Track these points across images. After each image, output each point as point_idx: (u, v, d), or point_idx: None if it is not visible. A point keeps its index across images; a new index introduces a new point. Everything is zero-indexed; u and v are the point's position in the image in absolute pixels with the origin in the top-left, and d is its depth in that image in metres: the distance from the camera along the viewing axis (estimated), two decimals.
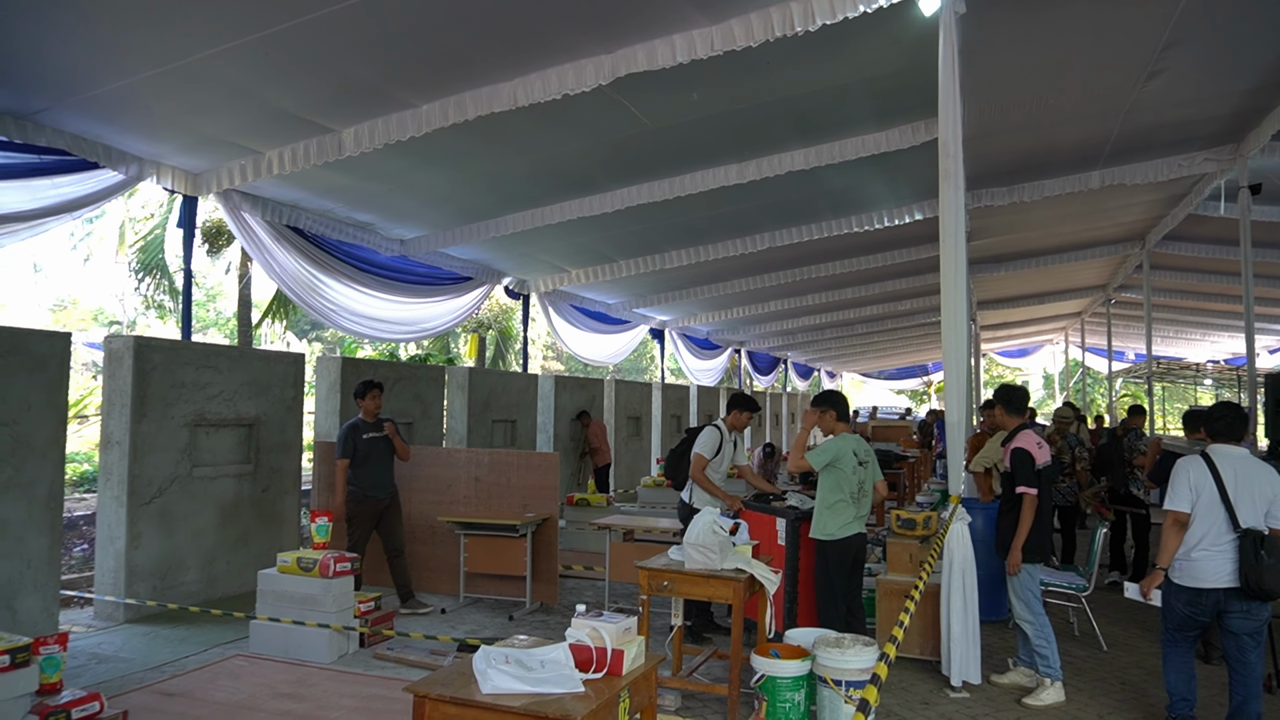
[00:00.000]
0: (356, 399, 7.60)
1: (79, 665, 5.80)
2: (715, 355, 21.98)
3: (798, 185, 9.33)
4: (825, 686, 4.76)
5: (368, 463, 7.41)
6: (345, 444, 7.36)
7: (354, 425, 7.47)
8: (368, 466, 7.40)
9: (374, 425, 7.56)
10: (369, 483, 7.39)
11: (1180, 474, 4.78)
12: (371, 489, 7.41)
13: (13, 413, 6.20)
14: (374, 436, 7.48)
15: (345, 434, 7.42)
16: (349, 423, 7.53)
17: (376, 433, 7.54)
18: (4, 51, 5.67)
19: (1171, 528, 4.75)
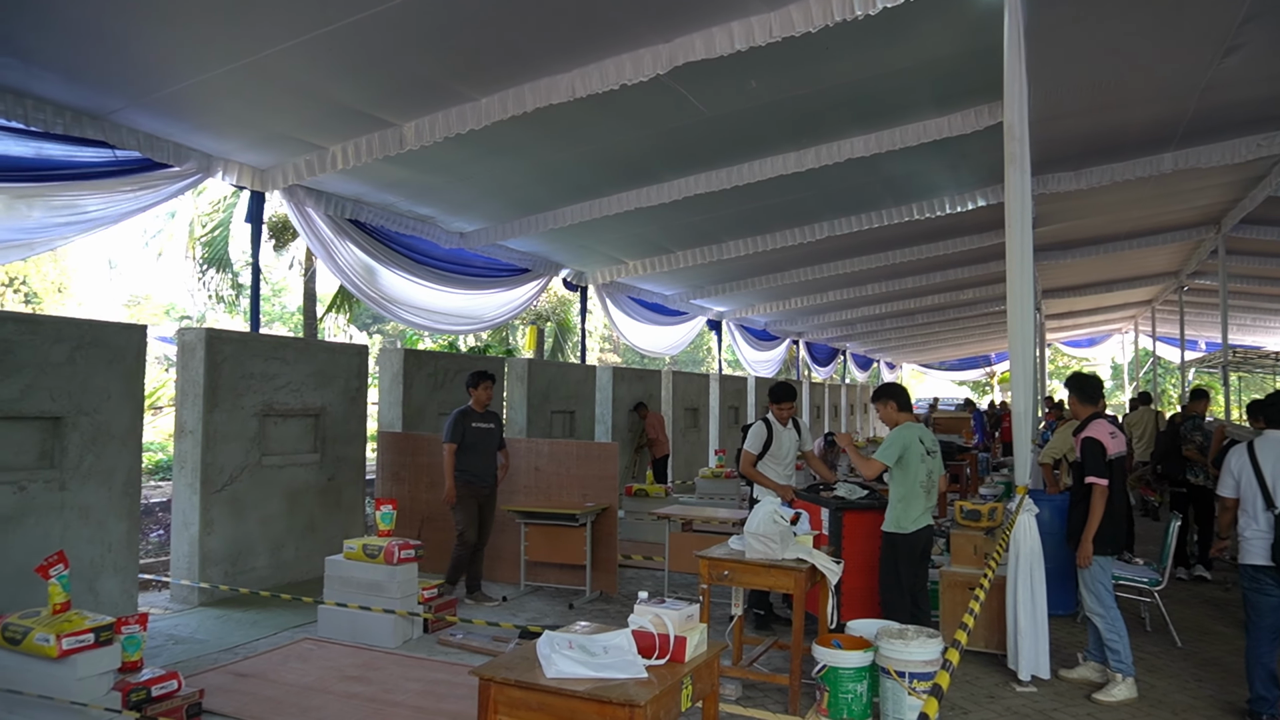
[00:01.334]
0: (468, 389, 7.59)
1: (157, 645, 6.00)
2: (773, 346, 21.84)
3: (857, 173, 9.21)
4: (888, 678, 4.72)
5: (474, 451, 7.40)
6: (454, 429, 7.33)
7: (464, 412, 7.46)
8: (474, 454, 7.39)
9: (483, 415, 7.54)
10: (474, 470, 7.38)
11: (1226, 461, 5.25)
12: (475, 476, 7.40)
13: (93, 402, 6.43)
14: (482, 427, 7.47)
15: (455, 420, 7.39)
16: (459, 409, 7.51)
17: (485, 423, 7.52)
18: (84, 52, 5.87)
19: (1224, 513, 5.34)
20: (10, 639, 4.14)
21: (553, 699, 2.97)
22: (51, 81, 6.21)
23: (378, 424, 10.00)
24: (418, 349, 12.09)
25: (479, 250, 10.97)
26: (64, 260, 35.08)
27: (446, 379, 10.34)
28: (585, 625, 3.46)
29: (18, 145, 6.43)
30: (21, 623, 4.16)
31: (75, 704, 4.02)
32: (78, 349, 6.36)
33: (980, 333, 27.02)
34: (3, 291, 31.37)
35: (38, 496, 6.10)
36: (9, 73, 6.03)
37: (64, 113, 6.52)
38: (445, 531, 8.47)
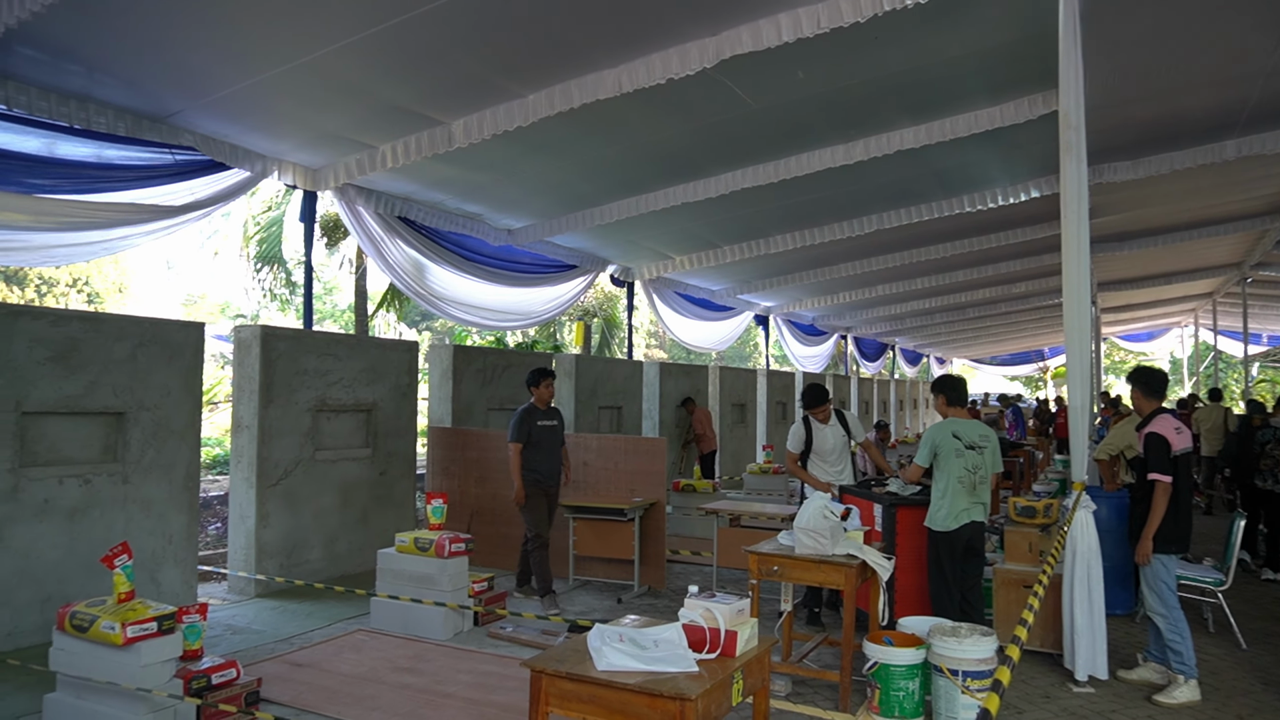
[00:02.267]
0: (530, 386, 7.50)
1: (216, 635, 6.14)
2: (821, 341, 21.65)
3: (907, 165, 9.06)
4: (941, 676, 4.65)
5: (540, 449, 7.29)
6: (520, 428, 7.23)
7: (528, 410, 7.36)
8: (540, 452, 7.29)
9: (547, 412, 7.45)
10: (540, 468, 7.27)
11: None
12: (542, 475, 7.29)
13: (154, 398, 6.60)
14: (546, 424, 7.38)
15: (520, 419, 7.28)
16: (523, 408, 7.40)
17: (549, 420, 7.43)
18: (143, 57, 6.02)
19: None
20: (78, 627, 4.26)
21: (604, 691, 2.98)
22: (112, 86, 6.38)
23: (428, 419, 10.12)
24: (466, 345, 12.21)
25: (526, 247, 11.04)
26: (124, 261, 36.06)
27: (495, 375, 10.42)
28: (635, 619, 3.46)
29: (80, 149, 6.61)
30: (88, 611, 4.29)
31: (140, 690, 4.13)
32: (139, 346, 6.53)
33: (1033, 327, 26.51)
34: (66, 291, 32.35)
35: (102, 490, 6.29)
36: (72, 78, 6.21)
37: (125, 116, 6.69)
38: (495, 525, 8.57)
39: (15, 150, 6.22)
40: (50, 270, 31.72)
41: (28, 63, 5.92)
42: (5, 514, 5.74)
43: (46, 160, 6.44)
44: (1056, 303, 19.73)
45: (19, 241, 6.49)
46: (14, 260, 7.24)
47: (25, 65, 5.94)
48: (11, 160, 6.20)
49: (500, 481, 8.69)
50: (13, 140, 6.19)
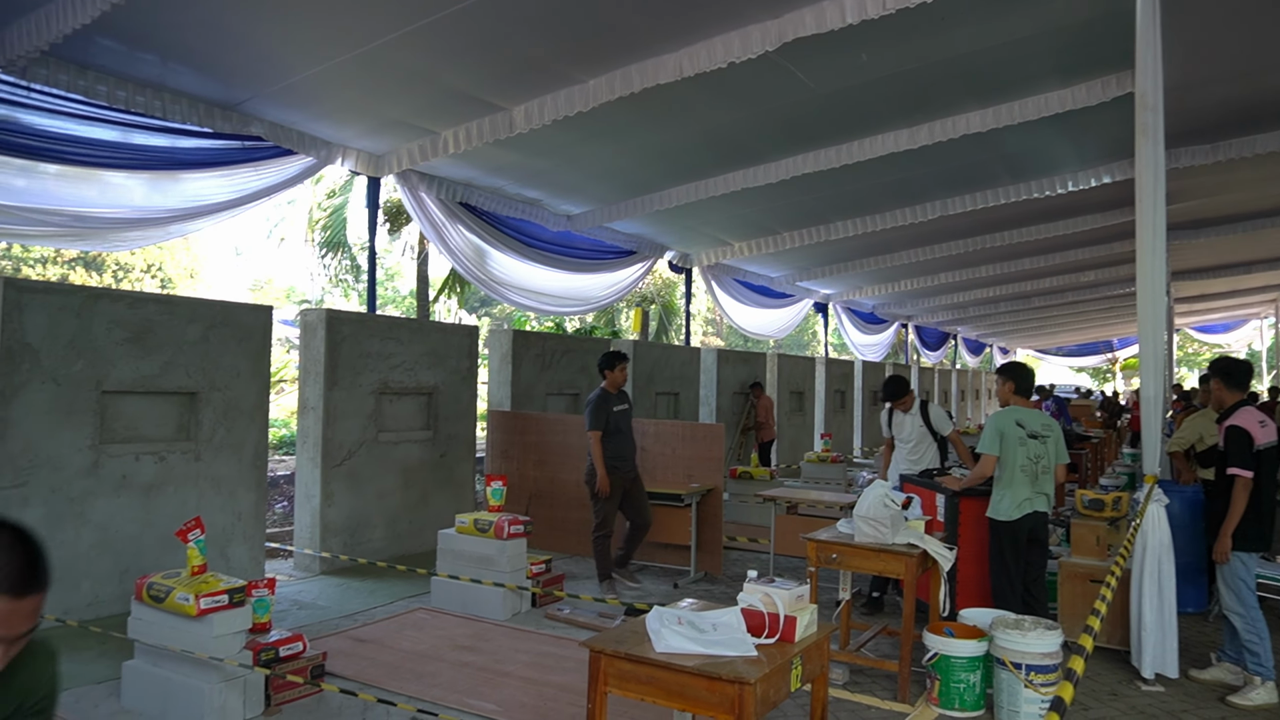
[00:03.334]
0: (604, 370, 7.27)
1: (282, 610, 6.31)
2: (881, 330, 21.38)
3: (972, 149, 8.87)
4: (1003, 669, 4.57)
5: (617, 434, 7.14)
6: (597, 416, 7.04)
7: (604, 396, 7.15)
8: (617, 438, 7.14)
9: (619, 397, 7.29)
10: (617, 455, 7.12)
11: None
12: (619, 461, 7.13)
13: (225, 379, 6.79)
14: (621, 408, 7.24)
15: (596, 405, 7.08)
16: (597, 394, 7.18)
17: (622, 404, 7.28)
18: (214, 47, 6.17)
19: None
20: (154, 597, 4.42)
21: (662, 673, 2.99)
22: (185, 75, 6.56)
23: (487, 403, 10.24)
24: (525, 330, 12.31)
25: (585, 233, 11.09)
26: (194, 247, 37.13)
27: (553, 359, 10.50)
28: (693, 603, 3.46)
29: (153, 137, 6.81)
30: (164, 582, 4.44)
31: (212, 659, 4.26)
32: (210, 328, 6.72)
33: (1102, 317, 25.81)
34: (141, 277, 33.41)
35: (176, 467, 6.50)
36: (148, 68, 6.39)
37: (197, 105, 6.88)
38: (553, 509, 8.65)
39: (93, 138, 6.43)
40: (125, 256, 32.80)
41: (106, 53, 6.11)
42: (86, 488, 5.97)
43: (121, 145, 6.65)
44: (1127, 292, 19.21)
45: (94, 227, 6.73)
46: (90, 245, 7.50)
47: (104, 55, 6.14)
48: (89, 146, 6.42)
49: (558, 465, 8.77)
50: (92, 131, 6.40)
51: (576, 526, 8.58)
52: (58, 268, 30.14)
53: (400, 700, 4.54)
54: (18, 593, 1.65)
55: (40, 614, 1.71)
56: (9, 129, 6.00)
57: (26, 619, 1.68)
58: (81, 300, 6.03)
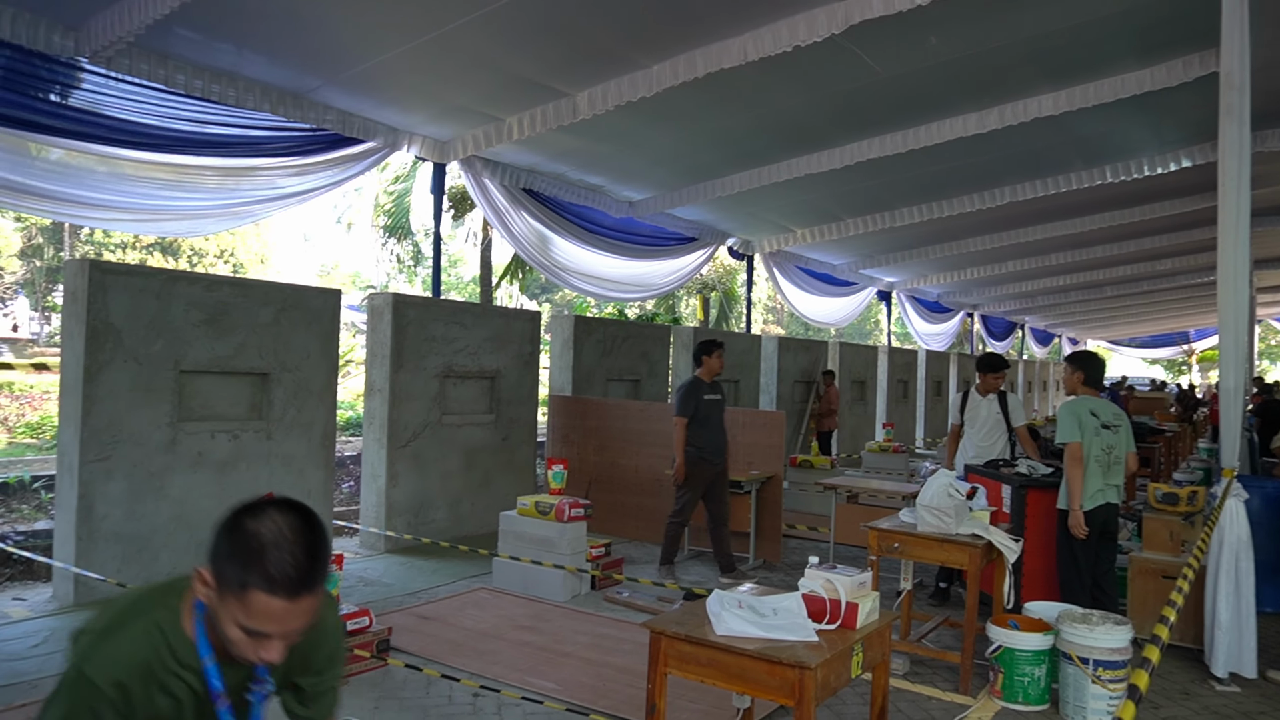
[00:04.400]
0: (701, 357, 7.12)
1: (349, 586, 6.48)
2: (946, 319, 21.00)
3: (1044, 133, 8.65)
4: (1070, 664, 4.49)
5: (707, 425, 6.96)
6: (686, 402, 6.91)
7: (695, 384, 7.03)
8: (707, 429, 6.96)
9: (712, 386, 7.13)
10: (707, 445, 6.94)
11: None
12: (708, 452, 6.95)
13: (295, 360, 6.97)
14: (713, 398, 7.08)
15: (686, 392, 6.97)
16: (689, 381, 7.08)
17: (715, 394, 7.12)
18: (287, 34, 6.31)
19: None
20: None
21: (722, 655, 3.00)
22: (258, 64, 6.71)
23: (549, 388, 10.34)
24: (587, 316, 12.38)
25: (647, 219, 11.09)
26: (265, 233, 38.15)
27: (615, 345, 10.54)
28: (752, 587, 3.46)
29: (226, 127, 6.99)
30: None
31: None
32: (282, 311, 6.90)
33: (1178, 307, 24.96)
34: (214, 262, 34.44)
35: (249, 445, 6.70)
36: (224, 57, 6.56)
37: (269, 93, 7.04)
38: (613, 494, 8.71)
39: (170, 129, 6.63)
40: (199, 242, 33.82)
41: (184, 43, 6.29)
42: (165, 464, 6.19)
43: (196, 135, 6.84)
44: (1206, 281, 18.54)
45: (170, 212, 6.96)
46: (166, 230, 7.79)
47: (182, 45, 6.32)
48: (166, 137, 6.62)
49: (618, 450, 8.83)
50: (169, 122, 6.61)
51: (636, 511, 8.64)
52: (136, 253, 31.23)
53: (463, 676, 4.63)
54: (294, 595, 1.53)
55: (316, 607, 1.58)
56: (91, 120, 6.22)
57: (304, 616, 1.57)
58: (161, 283, 6.24)
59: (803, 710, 2.85)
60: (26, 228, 31.56)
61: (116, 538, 5.95)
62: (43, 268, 32.69)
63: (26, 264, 32.97)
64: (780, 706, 4.43)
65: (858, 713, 4.50)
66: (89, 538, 5.82)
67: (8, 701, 4.25)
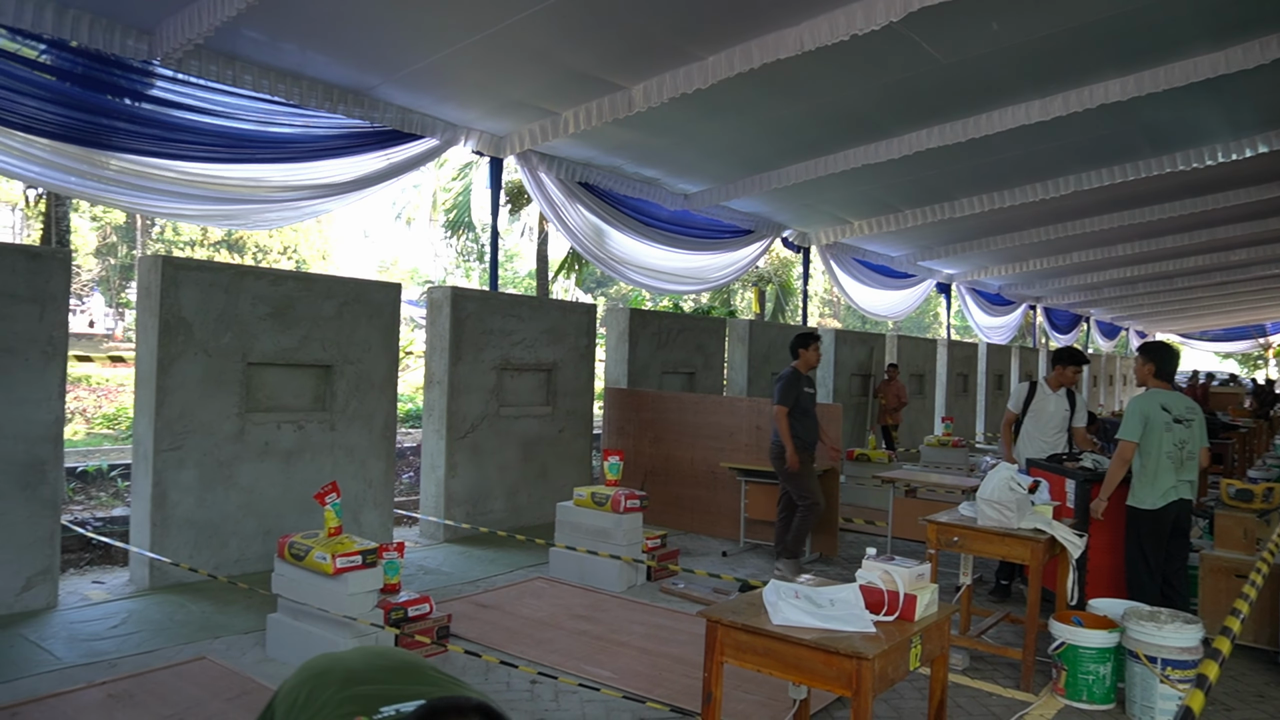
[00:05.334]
0: (799, 349, 7.11)
1: (409, 574, 6.60)
2: (1007, 311, 20.58)
3: (1110, 120, 8.42)
4: (1137, 663, 4.39)
5: (806, 416, 6.99)
6: (788, 392, 6.89)
7: (796, 375, 6.99)
8: (807, 419, 6.99)
9: (808, 379, 7.13)
10: (805, 436, 6.94)
11: None
12: (807, 443, 6.97)
13: (357, 352, 7.12)
14: (809, 391, 7.12)
15: (789, 382, 6.93)
16: (789, 372, 7.01)
17: (810, 388, 7.14)
18: (349, 33, 6.43)
19: None
20: (295, 555, 4.70)
21: (779, 645, 3.00)
22: (320, 63, 6.86)
23: (604, 380, 10.39)
24: (643, 309, 12.42)
25: (703, 211, 11.08)
26: (326, 229, 38.96)
27: (670, 338, 10.56)
28: (809, 578, 3.46)
29: (289, 126, 7.17)
30: (303, 542, 4.71)
31: (346, 617, 4.51)
32: (344, 305, 7.05)
33: (1253, 299, 24.12)
34: (278, 258, 35.27)
35: (313, 435, 6.86)
36: (288, 57, 6.72)
37: (331, 91, 7.20)
38: (668, 486, 8.74)
39: (235, 129, 6.82)
40: (264, 239, 34.69)
41: (250, 44, 6.46)
42: (233, 454, 6.38)
43: (260, 135, 7.02)
44: None
45: (237, 207, 7.16)
46: (233, 224, 8.02)
47: (248, 46, 6.49)
48: (232, 137, 6.82)
49: (674, 443, 8.85)
50: (233, 123, 6.80)
51: (691, 503, 8.65)
52: (205, 250, 32.13)
53: (521, 663, 4.69)
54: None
55: None
56: (162, 120, 6.43)
57: None
58: (230, 277, 6.43)
59: (860, 701, 2.84)
60: (101, 227, 32.71)
61: (188, 524, 6.16)
62: (116, 265, 33.84)
63: (101, 261, 34.17)
64: (838, 699, 4.42)
65: (915, 707, 4.46)
66: (163, 524, 6.03)
67: (89, 679, 4.43)
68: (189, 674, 4.53)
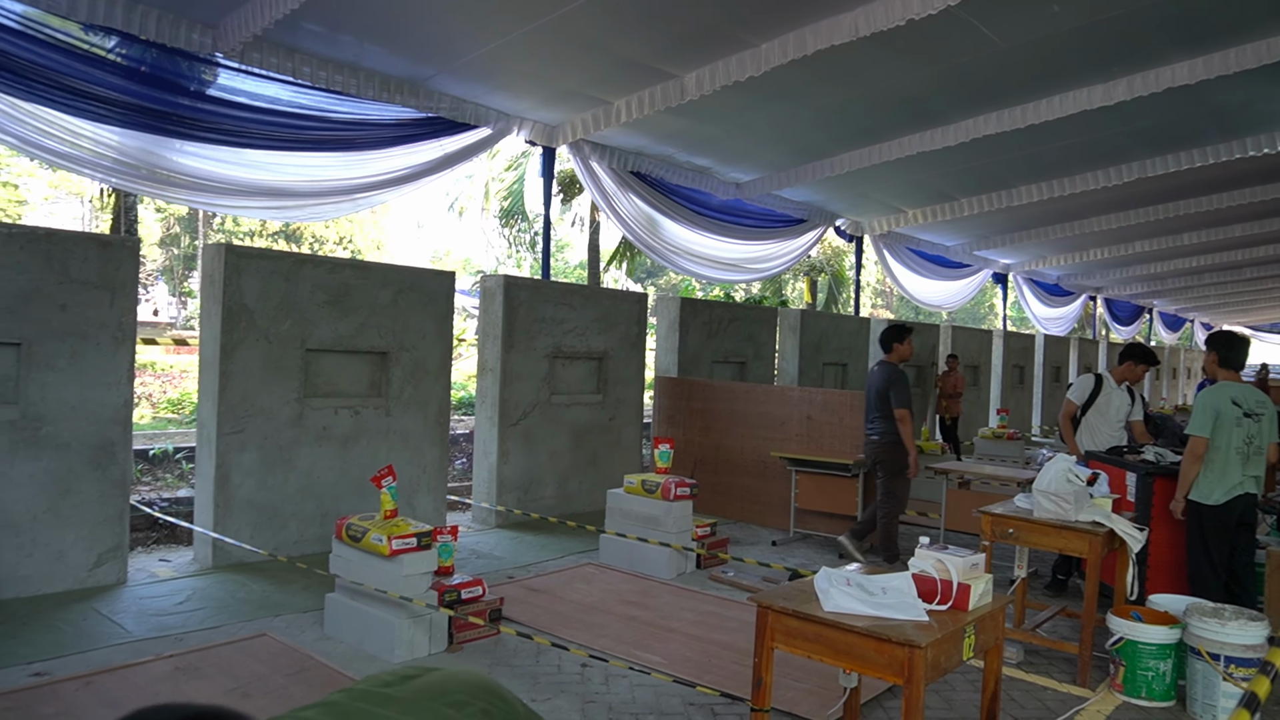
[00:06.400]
0: (893, 342, 6.96)
1: (462, 558, 6.70)
2: (1066, 302, 20.14)
3: (1178, 104, 8.18)
4: (1199, 659, 4.29)
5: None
6: (906, 392, 6.75)
7: (900, 372, 6.88)
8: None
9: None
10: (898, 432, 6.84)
11: None
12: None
13: (412, 339, 7.24)
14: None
15: (903, 381, 6.80)
16: (896, 370, 6.88)
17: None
18: (405, 25, 6.51)
19: None
20: (352, 536, 4.80)
21: (830, 632, 3.00)
22: (377, 54, 6.96)
23: (654, 369, 10.41)
24: (693, 298, 12.40)
25: (755, 200, 11.02)
26: (381, 220, 39.54)
27: (721, 327, 10.54)
28: (859, 566, 3.44)
29: (344, 116, 7.29)
30: (360, 524, 4.82)
31: (402, 598, 4.60)
32: (400, 292, 7.16)
33: None
34: (334, 249, 35.89)
35: (369, 421, 7.00)
36: (346, 49, 6.84)
37: (388, 82, 7.30)
38: (717, 475, 8.74)
39: (293, 124, 6.96)
40: (320, 230, 35.31)
41: (310, 36, 6.58)
42: (292, 438, 6.53)
43: (317, 126, 7.15)
44: None
45: (295, 199, 7.31)
46: (292, 215, 8.18)
47: (308, 39, 6.61)
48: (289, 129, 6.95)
49: (724, 432, 8.84)
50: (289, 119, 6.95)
51: (741, 493, 8.65)
52: (263, 240, 32.83)
53: (572, 646, 4.75)
54: None
55: None
56: (223, 112, 6.59)
57: None
58: (289, 265, 6.57)
59: (912, 690, 2.82)
60: (165, 218, 33.61)
61: (250, 505, 6.33)
62: (180, 255, 34.75)
63: (165, 252, 35.12)
64: (888, 689, 4.40)
65: (968, 699, 4.42)
66: (225, 505, 6.21)
67: (157, 652, 4.58)
68: (251, 649, 4.67)
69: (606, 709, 4.16)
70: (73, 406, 5.55)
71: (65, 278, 5.51)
